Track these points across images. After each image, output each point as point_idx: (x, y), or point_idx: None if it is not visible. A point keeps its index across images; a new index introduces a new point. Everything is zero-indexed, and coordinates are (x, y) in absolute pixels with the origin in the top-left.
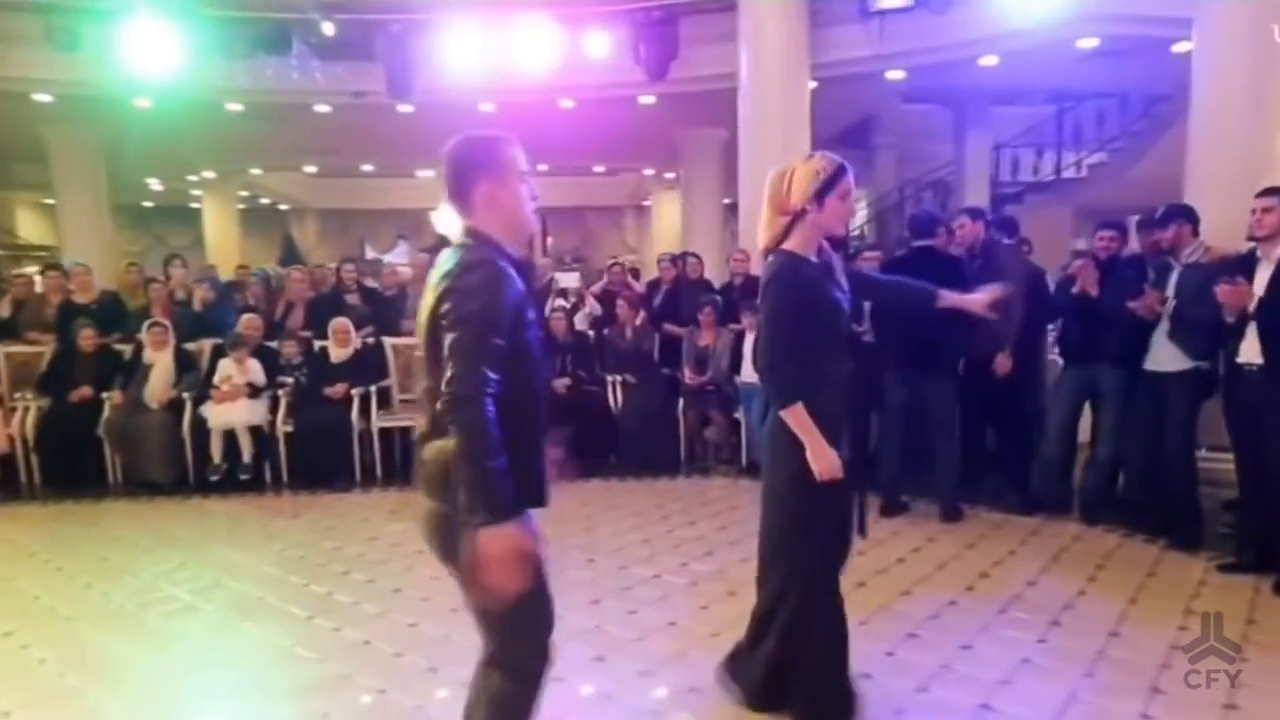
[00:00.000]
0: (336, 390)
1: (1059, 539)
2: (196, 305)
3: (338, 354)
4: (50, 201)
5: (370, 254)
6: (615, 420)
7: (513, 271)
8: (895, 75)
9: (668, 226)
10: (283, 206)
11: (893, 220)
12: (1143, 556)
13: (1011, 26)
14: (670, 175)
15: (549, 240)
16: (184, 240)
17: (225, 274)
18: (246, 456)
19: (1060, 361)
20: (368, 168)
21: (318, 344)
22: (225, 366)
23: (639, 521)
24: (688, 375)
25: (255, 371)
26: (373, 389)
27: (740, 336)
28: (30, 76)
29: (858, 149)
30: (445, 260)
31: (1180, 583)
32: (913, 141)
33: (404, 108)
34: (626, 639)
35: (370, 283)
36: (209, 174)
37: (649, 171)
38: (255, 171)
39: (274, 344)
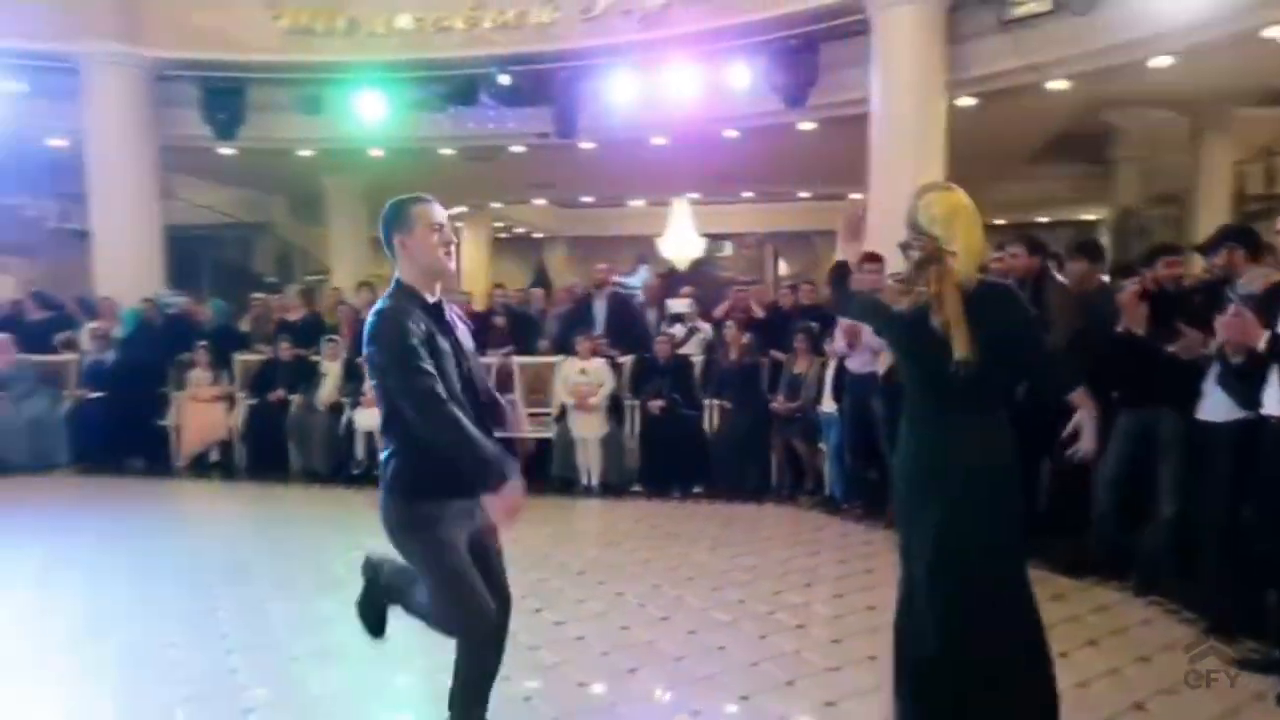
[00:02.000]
0: None
1: (1078, 607)
2: None
3: None
4: None
5: (614, 276)
6: (707, 445)
7: (417, 311)
8: (1058, 86)
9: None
10: (537, 235)
11: (1134, 243)
12: (1160, 639)
13: (1177, 22)
14: None
15: (779, 263)
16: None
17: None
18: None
19: None
20: (587, 199)
21: None
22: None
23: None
24: (779, 401)
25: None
26: None
27: (824, 365)
28: (289, 137)
29: (1091, 163)
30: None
31: (1168, 674)
32: (1158, 152)
33: (585, 145)
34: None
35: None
36: (461, 208)
37: (856, 195)
38: (496, 205)
39: None
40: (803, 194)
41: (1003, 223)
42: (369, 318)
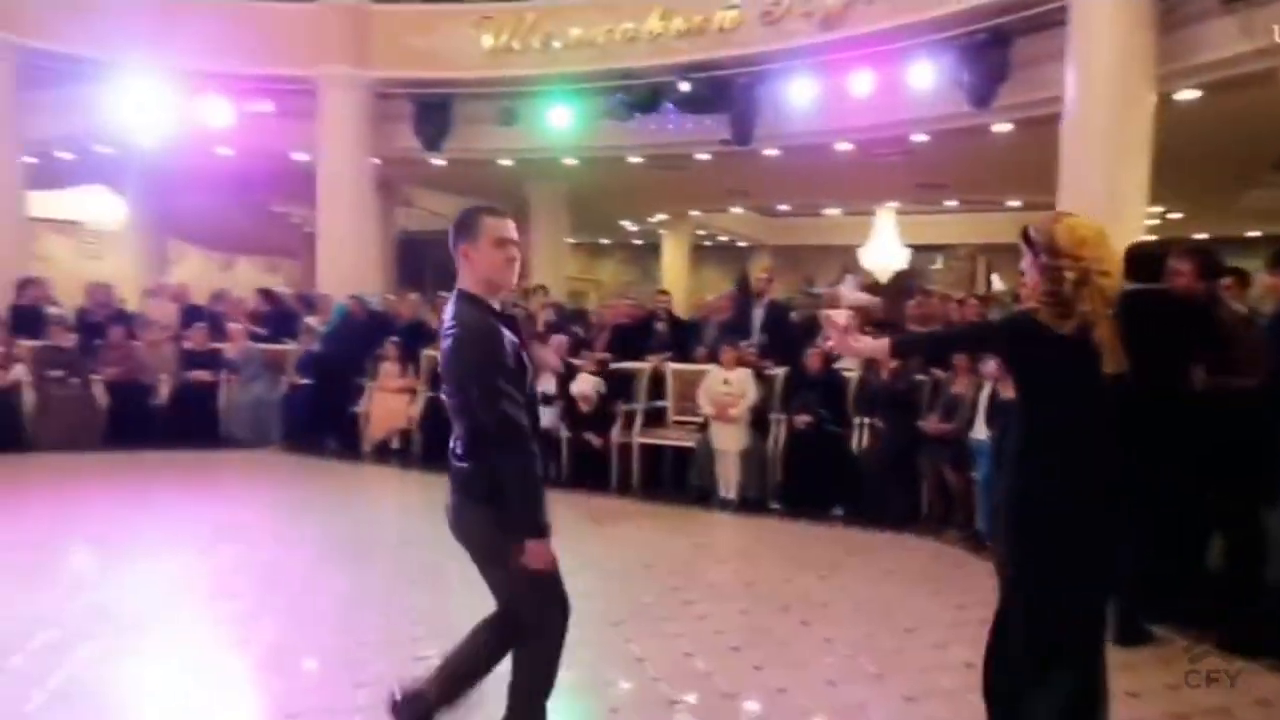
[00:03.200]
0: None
1: (1234, 695)
2: (539, 325)
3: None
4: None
5: (818, 288)
6: (853, 465)
7: (500, 326)
8: None
9: None
10: (741, 244)
11: None
12: None
13: None
14: None
15: (992, 277)
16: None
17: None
18: None
19: None
20: (784, 207)
21: (614, 365)
22: None
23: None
24: (932, 423)
25: (545, 383)
26: (638, 407)
27: (981, 387)
28: (488, 147)
29: None
30: (448, 311)
31: None
32: None
33: (769, 152)
34: None
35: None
36: (662, 216)
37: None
38: (695, 213)
39: (577, 361)
40: (1012, 202)
41: (1257, 235)
42: (450, 332)
